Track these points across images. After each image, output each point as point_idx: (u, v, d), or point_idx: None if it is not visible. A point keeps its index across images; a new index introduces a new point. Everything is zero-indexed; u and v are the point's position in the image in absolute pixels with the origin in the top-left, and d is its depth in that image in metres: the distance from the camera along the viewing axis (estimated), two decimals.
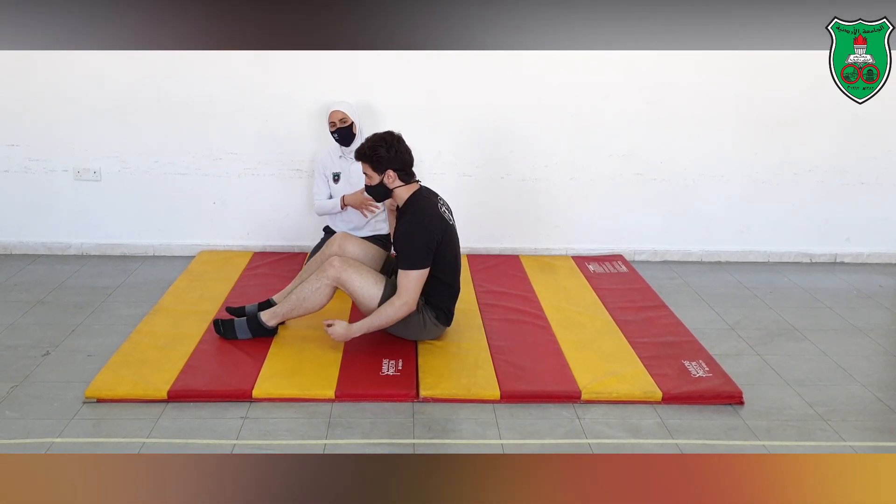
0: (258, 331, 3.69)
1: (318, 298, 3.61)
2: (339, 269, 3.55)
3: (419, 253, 3.49)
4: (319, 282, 3.58)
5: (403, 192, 3.61)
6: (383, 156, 3.53)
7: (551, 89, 4.93)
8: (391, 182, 3.58)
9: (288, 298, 3.68)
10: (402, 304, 3.49)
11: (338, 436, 3.02)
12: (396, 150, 3.55)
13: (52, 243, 5.06)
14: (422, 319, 3.63)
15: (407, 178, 3.61)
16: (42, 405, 3.18)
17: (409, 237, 3.51)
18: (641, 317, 4.14)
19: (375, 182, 3.60)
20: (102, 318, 4.07)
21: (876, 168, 5.14)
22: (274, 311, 3.68)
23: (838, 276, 5.05)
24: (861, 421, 3.23)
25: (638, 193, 5.13)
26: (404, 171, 3.59)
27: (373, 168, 3.56)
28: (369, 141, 3.58)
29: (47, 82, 4.79)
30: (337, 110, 4.45)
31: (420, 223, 3.52)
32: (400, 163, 3.56)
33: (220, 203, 5.05)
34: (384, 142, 3.54)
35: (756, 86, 4.96)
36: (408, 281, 3.49)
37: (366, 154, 3.56)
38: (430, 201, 3.62)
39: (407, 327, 3.64)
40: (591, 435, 3.07)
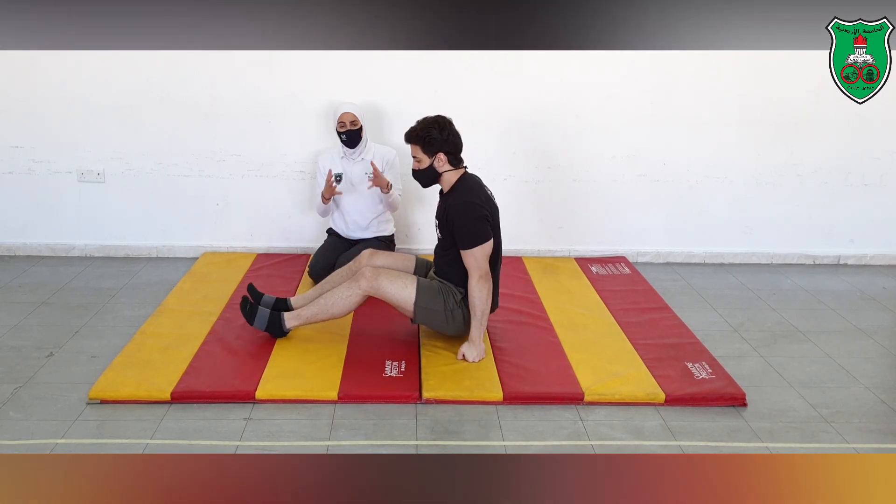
0: (272, 328, 3.70)
1: (347, 305, 3.62)
2: (371, 279, 3.57)
3: (476, 229, 3.51)
4: (351, 290, 3.59)
5: (451, 176, 3.62)
6: (436, 138, 3.53)
7: (554, 90, 4.93)
8: (441, 165, 3.58)
9: (314, 303, 3.67)
10: (478, 281, 3.50)
11: (341, 437, 3.02)
12: (449, 132, 3.56)
13: (55, 245, 5.08)
14: (462, 314, 3.64)
15: (456, 162, 3.62)
16: (46, 406, 3.19)
17: (462, 216, 3.52)
18: (644, 318, 4.14)
19: (425, 165, 3.59)
20: (106, 319, 4.08)
21: (880, 169, 5.14)
22: (298, 314, 3.68)
23: (842, 277, 5.04)
24: (864, 423, 3.22)
25: (641, 195, 5.13)
26: (454, 154, 3.60)
27: (423, 150, 3.56)
28: (421, 123, 3.57)
29: (51, 83, 4.81)
30: (348, 112, 4.45)
31: (470, 202, 3.53)
32: (451, 146, 3.57)
33: (223, 204, 5.06)
34: (437, 124, 3.55)
35: (760, 87, 4.96)
36: (473, 258, 3.51)
37: (418, 136, 3.55)
38: (478, 184, 3.65)
39: (449, 324, 3.64)
40: (594, 437, 3.07)
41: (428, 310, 3.59)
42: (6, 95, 4.82)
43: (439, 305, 3.60)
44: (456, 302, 3.62)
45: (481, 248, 3.51)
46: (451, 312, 3.62)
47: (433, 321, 3.65)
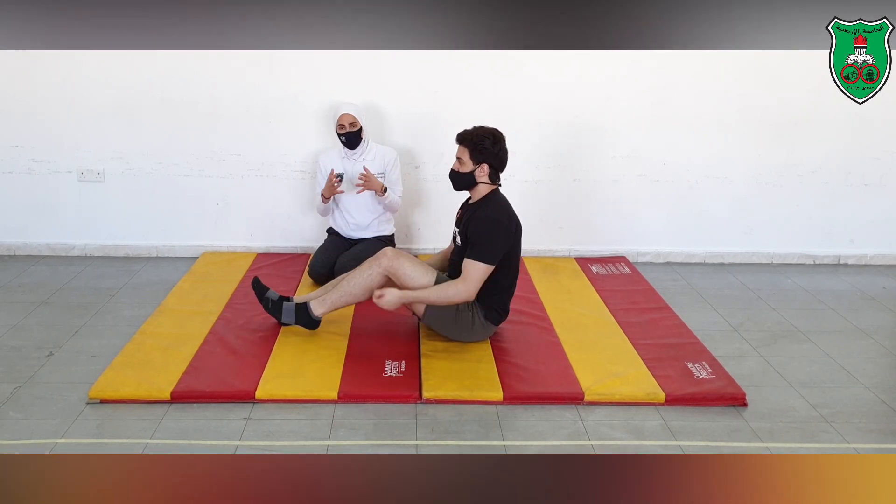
0: (302, 318, 3.72)
1: (368, 284, 3.64)
2: (392, 259, 3.62)
3: (494, 248, 3.53)
4: (371, 269, 3.63)
5: (484, 189, 3.65)
6: (487, 148, 3.56)
7: (554, 90, 4.93)
8: (481, 176, 3.61)
9: (337, 287, 3.71)
10: (463, 290, 3.53)
11: (341, 437, 3.02)
12: (500, 148, 3.59)
13: (55, 244, 5.07)
14: (472, 318, 3.65)
15: (496, 178, 3.65)
16: (45, 406, 3.19)
17: (490, 230, 3.54)
18: (644, 318, 4.14)
19: (467, 170, 3.61)
20: (106, 319, 4.07)
21: (880, 169, 5.13)
22: (323, 299, 3.70)
23: (842, 277, 5.04)
24: (865, 423, 3.22)
25: (641, 195, 5.13)
26: (497, 170, 3.64)
27: (471, 155, 3.59)
28: (478, 129, 3.60)
29: (51, 83, 4.80)
30: (347, 114, 4.45)
31: (499, 219, 3.56)
32: (498, 161, 3.61)
33: (223, 204, 5.06)
34: (492, 136, 3.58)
35: (760, 87, 4.96)
36: (475, 270, 3.52)
37: (471, 140, 3.58)
38: (507, 203, 3.67)
39: (457, 327, 3.65)
40: (594, 436, 3.07)
41: (440, 307, 3.60)
42: (6, 95, 4.82)
43: (451, 305, 3.60)
44: (467, 304, 3.63)
45: (485, 267, 3.53)
46: (461, 314, 3.63)
47: (441, 320, 3.65)
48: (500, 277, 3.64)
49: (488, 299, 3.66)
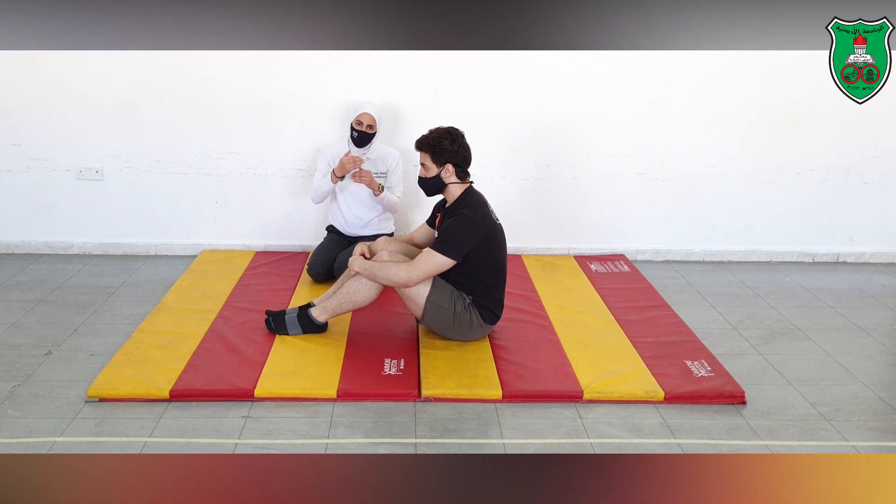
0: (309, 326, 3.71)
1: (368, 292, 3.63)
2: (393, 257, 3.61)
3: (457, 244, 3.52)
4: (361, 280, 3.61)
5: (456, 189, 3.64)
6: (447, 148, 3.55)
7: (554, 89, 4.92)
8: (448, 177, 3.60)
9: (337, 293, 3.69)
10: (404, 273, 3.49)
11: (340, 435, 3.02)
12: (460, 144, 3.59)
13: (54, 242, 5.07)
14: (468, 319, 3.64)
15: (463, 175, 3.64)
16: (44, 404, 3.19)
17: (457, 227, 3.53)
18: (643, 316, 4.14)
19: (432, 174, 3.61)
20: (104, 317, 4.07)
21: (879, 167, 5.14)
22: (324, 307, 3.70)
23: (841, 275, 5.04)
24: (864, 421, 3.22)
25: (640, 193, 5.13)
26: (462, 167, 3.62)
27: (433, 159, 3.58)
28: (433, 132, 3.60)
29: (50, 82, 4.80)
30: (367, 113, 4.43)
31: (470, 218, 3.54)
32: (461, 158, 3.60)
33: (222, 202, 5.05)
34: (449, 135, 3.57)
35: (759, 85, 4.96)
36: (428, 260, 3.51)
37: (429, 144, 3.57)
38: (482, 201, 3.65)
39: (455, 327, 3.65)
40: (593, 434, 3.07)
41: (439, 307, 3.59)
42: (5, 93, 4.81)
43: (449, 305, 3.60)
44: (464, 306, 3.63)
45: (442, 259, 3.50)
46: (458, 315, 3.62)
47: (440, 320, 3.64)
48: (486, 276, 3.64)
49: (482, 299, 3.66)
